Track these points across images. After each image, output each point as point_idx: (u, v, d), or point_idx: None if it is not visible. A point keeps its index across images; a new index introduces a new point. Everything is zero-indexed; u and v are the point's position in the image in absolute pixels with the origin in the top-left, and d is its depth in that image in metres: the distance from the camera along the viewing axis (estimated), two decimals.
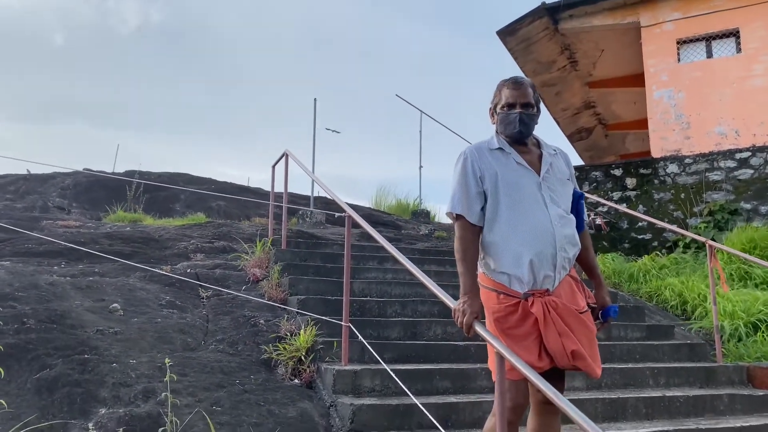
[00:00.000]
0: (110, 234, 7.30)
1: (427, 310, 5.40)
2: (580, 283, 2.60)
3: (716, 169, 9.51)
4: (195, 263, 6.42)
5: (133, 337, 4.32)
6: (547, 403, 2.44)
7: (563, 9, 10.97)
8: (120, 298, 5.00)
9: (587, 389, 4.58)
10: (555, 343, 2.38)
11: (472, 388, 4.25)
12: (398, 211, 13.40)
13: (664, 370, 4.97)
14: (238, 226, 8.50)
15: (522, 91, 2.60)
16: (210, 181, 14.04)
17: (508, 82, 2.65)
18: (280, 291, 5.39)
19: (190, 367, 4.02)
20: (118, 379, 3.73)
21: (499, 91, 2.67)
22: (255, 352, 4.41)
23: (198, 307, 5.18)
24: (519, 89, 2.61)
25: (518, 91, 2.60)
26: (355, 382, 3.97)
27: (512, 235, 2.49)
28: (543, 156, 2.62)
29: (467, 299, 2.46)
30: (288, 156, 6.77)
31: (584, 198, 2.73)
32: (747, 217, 9.01)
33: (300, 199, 12.99)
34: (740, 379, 5.18)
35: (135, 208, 10.42)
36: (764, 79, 9.56)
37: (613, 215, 9.85)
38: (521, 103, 2.59)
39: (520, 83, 2.63)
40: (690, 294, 7.06)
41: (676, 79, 10.18)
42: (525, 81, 2.65)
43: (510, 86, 2.63)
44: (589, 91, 14.16)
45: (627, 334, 5.70)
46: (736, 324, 6.12)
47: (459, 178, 2.60)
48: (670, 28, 10.37)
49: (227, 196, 11.21)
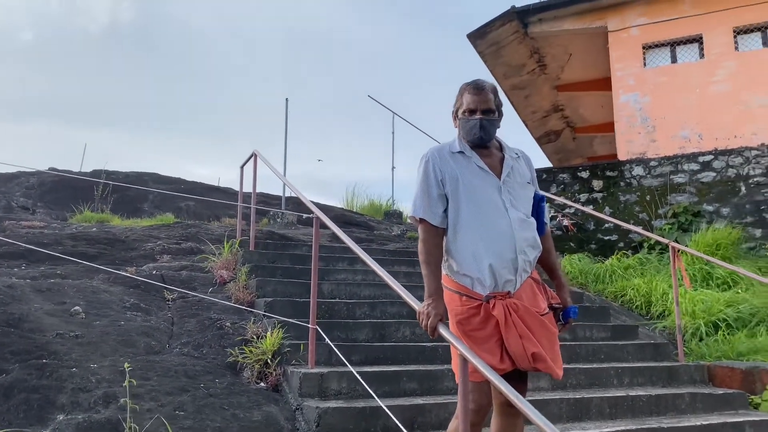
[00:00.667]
0: (75, 235, 7.15)
1: (397, 311, 5.40)
2: (542, 285, 2.63)
3: (680, 172, 9.71)
4: (161, 265, 6.32)
5: (95, 341, 4.23)
6: (510, 405, 2.45)
7: (533, 13, 11.10)
8: (82, 301, 4.90)
9: (552, 389, 4.63)
10: (516, 346, 2.40)
11: (439, 389, 4.26)
12: (371, 212, 13.40)
13: (628, 369, 5.05)
14: (207, 227, 8.41)
15: (483, 97, 2.60)
16: (179, 180, 13.87)
17: (470, 86, 2.64)
18: (247, 293, 5.34)
19: (154, 371, 3.96)
20: (78, 384, 3.65)
21: (460, 95, 2.67)
22: (220, 356, 4.36)
23: (163, 309, 5.10)
24: (480, 95, 2.61)
25: (479, 96, 2.60)
26: (321, 385, 3.95)
27: (473, 239, 2.50)
28: (505, 159, 2.64)
29: (431, 301, 2.47)
30: (257, 156, 6.71)
31: (545, 201, 2.76)
32: (709, 218, 9.22)
33: (272, 199, 12.90)
34: (701, 377, 5.29)
35: (102, 209, 10.22)
36: (726, 84, 9.79)
37: (580, 216, 9.99)
38: (482, 109, 2.59)
39: (481, 88, 2.62)
40: (654, 294, 7.19)
41: (642, 83, 10.37)
42: (486, 86, 2.64)
43: (471, 91, 2.62)
44: (557, 94, 14.35)
45: (592, 335, 5.78)
46: (698, 323, 6.26)
47: (421, 181, 2.61)
48: (636, 33, 10.56)
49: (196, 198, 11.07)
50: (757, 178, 9.20)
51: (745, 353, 5.63)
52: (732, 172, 9.39)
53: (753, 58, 9.78)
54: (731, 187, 9.32)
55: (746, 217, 9.07)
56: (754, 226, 8.97)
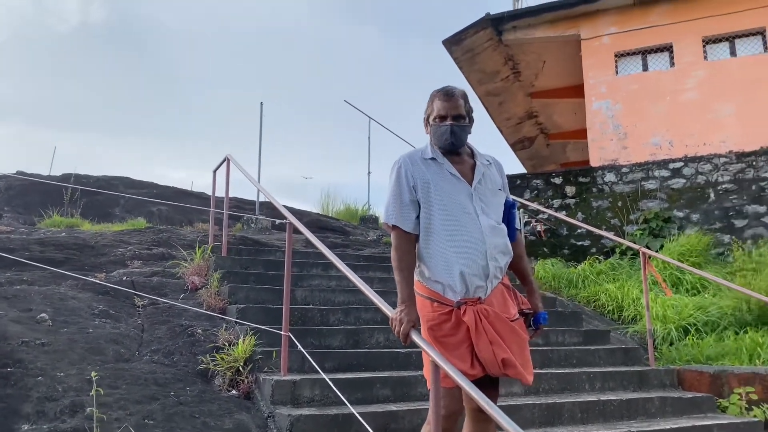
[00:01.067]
0: (43, 240, 7.00)
1: (371, 317, 5.38)
2: (513, 291, 2.64)
3: (651, 179, 9.87)
4: (132, 271, 6.22)
5: (62, 349, 4.14)
6: (481, 411, 2.44)
7: (507, 20, 11.20)
8: (49, 308, 4.79)
9: (525, 394, 4.65)
10: (486, 352, 2.40)
11: (412, 395, 4.25)
12: (347, 217, 13.38)
13: (599, 374, 5.10)
14: (179, 232, 8.30)
15: (453, 103, 2.61)
16: (151, 185, 13.69)
17: (440, 93, 2.64)
18: (219, 299, 5.27)
19: (123, 379, 3.88)
20: (44, 393, 3.57)
21: (431, 102, 2.67)
22: (191, 363, 4.30)
23: (133, 316, 5.02)
24: (450, 101, 2.61)
25: (449, 102, 2.61)
26: (294, 392, 3.92)
27: (444, 246, 2.51)
28: (476, 166, 2.65)
29: (404, 308, 2.46)
30: (230, 161, 6.65)
31: (516, 207, 2.77)
32: (680, 224, 9.38)
33: (246, 204, 12.79)
34: (671, 381, 5.36)
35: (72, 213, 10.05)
36: (696, 92, 9.99)
37: (553, 222, 10.09)
38: (452, 114, 2.60)
39: (451, 95, 2.63)
40: (626, 299, 7.29)
41: (614, 91, 10.52)
42: (456, 92, 2.65)
43: (441, 98, 2.63)
44: (531, 101, 14.49)
45: (565, 340, 5.82)
46: (668, 328, 6.35)
47: (393, 187, 2.60)
48: (608, 42, 10.72)
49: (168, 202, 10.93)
50: (725, 185, 9.39)
51: (714, 357, 5.73)
52: (701, 179, 9.57)
53: (721, 67, 9.99)
54: (701, 193, 9.49)
55: (715, 223, 9.25)
56: (723, 232, 9.15)
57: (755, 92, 9.63)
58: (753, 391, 4.85)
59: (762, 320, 6.25)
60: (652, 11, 10.51)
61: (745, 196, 9.22)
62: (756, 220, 9.06)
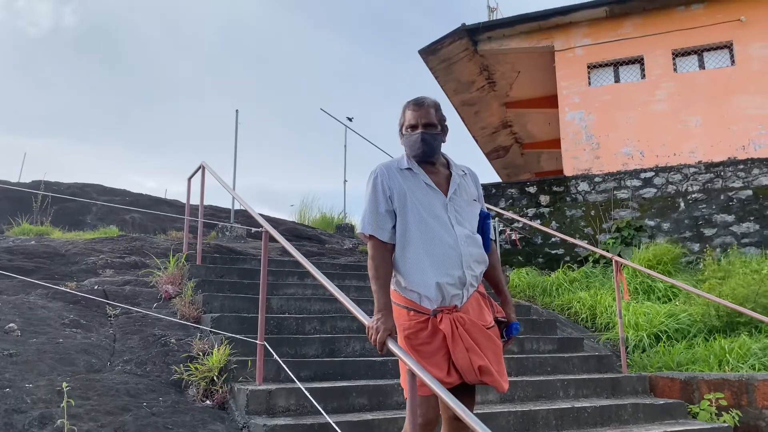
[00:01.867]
0: (11, 248, 6.86)
1: (347, 326, 5.37)
2: (488, 299, 2.66)
3: (623, 188, 10.04)
4: (104, 279, 6.12)
5: (31, 359, 4.05)
6: (458, 419, 2.46)
7: (482, 31, 11.34)
8: (18, 318, 4.69)
9: (501, 402, 4.67)
10: (463, 359, 2.42)
11: (388, 404, 4.24)
12: (323, 225, 13.35)
13: (573, 381, 5.15)
14: (153, 240, 8.20)
15: (423, 112, 2.63)
16: (124, 192, 13.52)
17: (411, 103, 2.67)
18: (193, 308, 5.21)
19: (94, 390, 3.81)
20: (12, 405, 3.48)
21: (403, 112, 2.70)
22: (165, 373, 4.24)
23: (105, 326, 4.93)
24: (420, 110, 2.64)
25: (419, 111, 2.63)
26: (269, 401, 3.88)
27: (421, 256, 2.52)
28: (452, 176, 2.67)
29: (381, 316, 2.46)
30: (204, 168, 6.60)
31: (491, 218, 2.80)
32: (651, 233, 9.54)
33: (221, 212, 12.69)
34: (643, 388, 5.44)
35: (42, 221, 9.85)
36: (666, 104, 10.20)
37: (528, 231, 10.19)
38: (423, 123, 2.62)
39: (421, 104, 2.65)
40: (599, 307, 7.38)
41: (587, 101, 10.70)
42: (426, 101, 2.67)
43: (412, 107, 2.65)
44: (506, 111, 14.66)
45: (539, 347, 5.87)
46: (641, 335, 6.44)
47: (369, 197, 2.61)
48: (581, 53, 10.91)
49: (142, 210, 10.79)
50: (694, 195, 9.59)
51: (684, 363, 5.83)
52: (672, 189, 9.76)
53: (690, 79, 10.23)
54: (671, 202, 9.68)
55: (685, 232, 9.43)
56: (692, 241, 9.33)
57: (723, 104, 9.88)
58: (722, 397, 4.94)
59: (730, 327, 6.38)
60: (624, 24, 10.72)
61: (714, 205, 9.43)
62: (724, 229, 9.26)
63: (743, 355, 5.67)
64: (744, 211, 9.24)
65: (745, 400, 4.92)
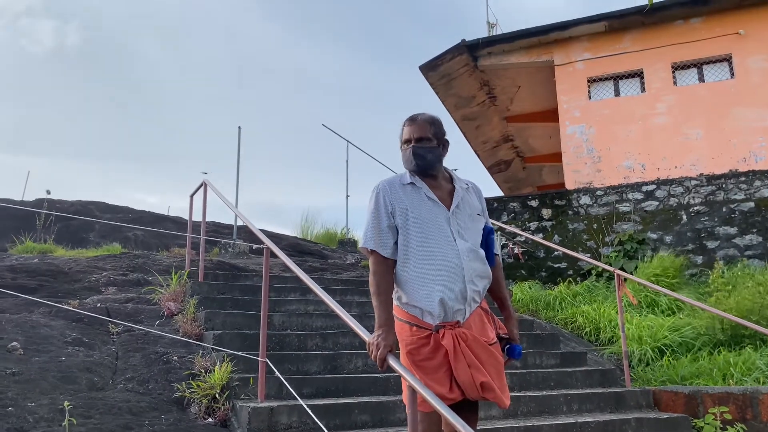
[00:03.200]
0: (14, 267, 6.88)
1: (349, 342, 5.36)
2: (490, 315, 2.66)
3: (625, 201, 10.04)
4: (106, 297, 6.13)
5: (34, 378, 4.05)
6: None
7: (482, 46, 11.41)
8: (21, 336, 4.70)
9: (504, 417, 4.64)
10: (464, 375, 2.41)
11: (391, 420, 4.23)
12: (325, 240, 13.36)
13: (577, 396, 5.12)
14: (155, 257, 8.22)
15: (416, 126, 2.67)
16: (127, 209, 13.56)
17: (406, 119, 2.73)
18: (195, 326, 5.21)
19: (96, 409, 3.81)
20: (14, 424, 3.48)
21: (401, 128, 2.75)
22: (167, 391, 4.23)
23: (107, 344, 4.94)
24: (413, 125, 2.68)
25: (412, 126, 2.68)
26: (271, 419, 3.87)
27: (423, 271, 2.53)
28: (455, 191, 2.68)
29: (381, 332, 2.46)
30: (206, 185, 6.63)
31: (495, 233, 2.80)
32: (654, 246, 9.53)
33: (223, 228, 12.72)
34: (647, 402, 5.40)
35: (45, 239, 9.89)
36: (666, 117, 10.23)
37: (530, 245, 10.18)
38: (415, 137, 2.65)
39: (414, 119, 2.70)
40: (602, 321, 7.35)
41: (588, 115, 10.74)
42: (420, 116, 2.71)
43: (407, 123, 2.71)
44: (507, 125, 14.71)
45: (542, 362, 5.85)
46: (644, 349, 6.41)
47: (372, 212, 2.63)
48: (581, 68, 10.96)
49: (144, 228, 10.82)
50: (697, 207, 9.59)
51: (688, 377, 5.80)
52: (674, 201, 9.76)
53: (690, 92, 10.27)
54: (673, 215, 9.67)
55: (688, 245, 9.42)
56: (695, 254, 9.32)
57: (723, 116, 9.91)
58: (727, 410, 4.90)
59: (735, 340, 6.35)
60: (623, 38, 10.79)
61: (716, 217, 9.42)
62: (727, 242, 9.25)
63: (748, 369, 5.64)
64: (746, 223, 9.23)
65: (750, 414, 4.89)
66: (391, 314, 2.54)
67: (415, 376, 2.38)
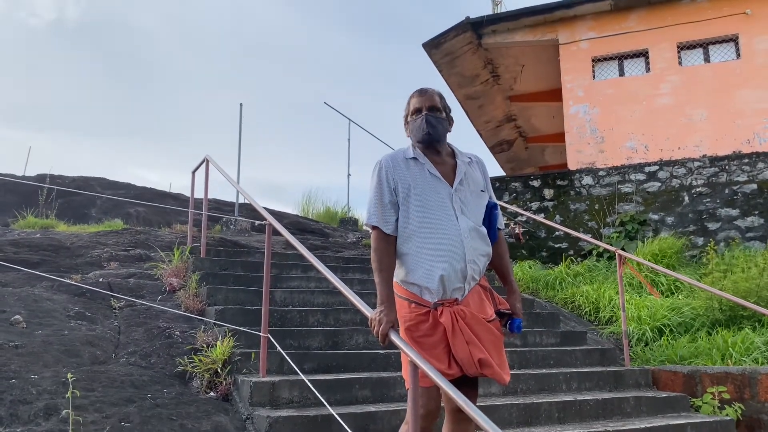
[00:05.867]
0: (17, 241, 6.89)
1: (350, 318, 5.39)
2: (489, 292, 2.66)
3: (627, 182, 10.01)
4: (108, 272, 6.15)
5: (36, 351, 4.08)
6: (460, 411, 2.47)
7: (486, 24, 11.30)
8: (23, 310, 4.72)
9: (503, 395, 4.69)
10: (462, 352, 2.43)
11: (391, 396, 4.26)
12: (326, 219, 13.36)
13: (576, 374, 5.16)
14: (157, 234, 8.23)
15: (427, 96, 2.68)
16: (129, 186, 13.54)
17: (415, 92, 2.73)
18: (197, 301, 5.24)
19: (98, 382, 3.84)
20: (17, 396, 3.51)
21: (408, 102, 2.74)
22: (169, 365, 4.27)
23: (109, 318, 4.96)
24: (424, 95, 2.69)
25: (423, 97, 2.68)
26: (273, 393, 3.91)
27: (423, 248, 2.53)
28: (458, 166, 2.67)
29: (383, 309, 2.47)
30: (209, 162, 6.61)
31: (498, 208, 2.79)
32: (655, 227, 9.53)
33: (225, 205, 12.72)
34: (646, 381, 5.44)
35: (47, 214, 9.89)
36: (670, 97, 10.16)
37: (531, 225, 10.18)
38: (427, 106, 2.66)
39: (425, 90, 2.71)
40: (602, 300, 7.38)
41: (591, 95, 10.66)
42: (430, 89, 2.72)
43: (416, 95, 2.71)
44: (510, 104, 14.62)
45: (542, 340, 5.88)
46: (643, 329, 6.45)
47: (374, 188, 2.62)
48: (585, 47, 10.86)
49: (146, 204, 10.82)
50: (699, 189, 9.56)
51: (687, 357, 5.83)
52: (676, 183, 9.73)
53: (695, 73, 10.18)
54: (675, 196, 9.65)
55: (689, 226, 9.41)
56: (696, 235, 9.32)
57: (728, 98, 9.84)
58: (725, 390, 4.95)
59: (733, 320, 6.37)
60: (629, 17, 10.67)
61: (718, 199, 9.40)
62: (729, 223, 9.24)
63: (746, 349, 5.67)
64: (749, 205, 9.21)
65: (748, 394, 4.93)
66: (393, 291, 2.55)
67: (416, 352, 2.39)
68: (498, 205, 2.80)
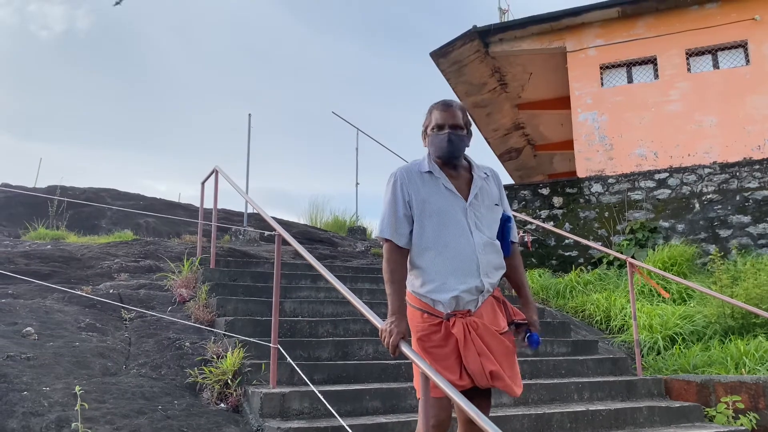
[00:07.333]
0: (28, 253, 6.94)
1: (359, 329, 5.37)
2: (502, 303, 2.65)
3: (637, 189, 9.97)
4: (119, 283, 6.18)
5: (48, 363, 4.10)
6: (473, 422, 2.45)
7: (493, 32, 11.31)
8: (35, 321, 4.74)
9: (515, 405, 4.65)
10: (474, 364, 2.41)
11: (402, 407, 4.24)
12: (335, 228, 13.37)
13: (588, 384, 5.12)
14: (167, 244, 8.26)
15: (451, 113, 2.64)
16: (138, 196, 13.61)
17: (438, 104, 2.69)
18: (207, 312, 5.24)
19: (110, 393, 3.85)
20: (29, 408, 3.52)
21: (429, 113, 2.71)
22: (179, 376, 4.27)
23: (120, 329, 4.98)
24: (448, 111, 2.65)
25: (447, 112, 2.64)
26: (283, 404, 3.90)
27: (437, 262, 2.52)
28: (473, 180, 2.66)
29: (394, 320, 2.47)
30: (218, 172, 6.64)
31: (512, 221, 2.77)
32: (666, 234, 9.47)
33: (234, 215, 12.76)
34: (659, 391, 5.39)
35: (57, 225, 9.96)
36: (679, 104, 10.12)
37: (541, 233, 10.14)
38: (450, 124, 2.62)
39: (449, 105, 2.67)
40: (613, 309, 7.33)
41: (600, 102, 10.64)
42: (454, 103, 2.69)
43: (439, 108, 2.67)
44: (518, 112, 14.60)
45: (553, 350, 5.84)
46: (655, 337, 6.39)
47: (388, 201, 2.62)
48: (593, 54, 10.85)
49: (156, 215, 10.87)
50: (709, 195, 9.50)
51: (700, 366, 5.77)
52: (686, 190, 9.68)
53: (704, 79, 10.14)
54: (686, 203, 9.59)
55: (700, 233, 9.34)
56: (708, 242, 9.24)
57: (738, 104, 9.79)
58: (739, 399, 4.89)
59: (746, 328, 6.31)
60: (636, 24, 10.66)
61: (729, 206, 9.33)
62: (740, 230, 9.17)
63: (760, 358, 5.60)
64: (760, 211, 9.14)
65: (762, 403, 4.87)
66: (404, 302, 2.54)
67: (427, 363, 2.38)
68: (512, 218, 2.79)
